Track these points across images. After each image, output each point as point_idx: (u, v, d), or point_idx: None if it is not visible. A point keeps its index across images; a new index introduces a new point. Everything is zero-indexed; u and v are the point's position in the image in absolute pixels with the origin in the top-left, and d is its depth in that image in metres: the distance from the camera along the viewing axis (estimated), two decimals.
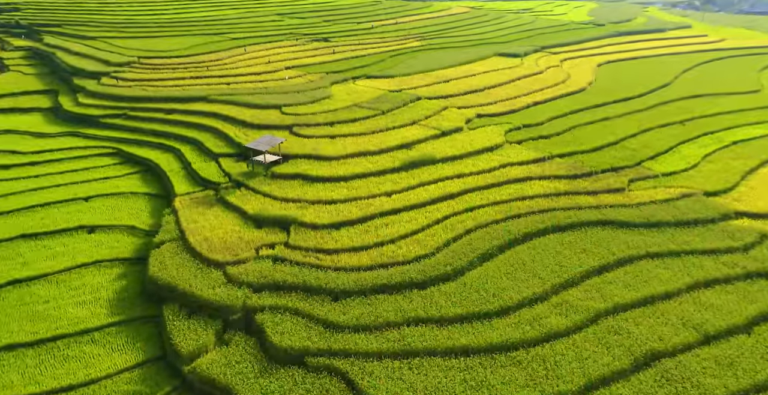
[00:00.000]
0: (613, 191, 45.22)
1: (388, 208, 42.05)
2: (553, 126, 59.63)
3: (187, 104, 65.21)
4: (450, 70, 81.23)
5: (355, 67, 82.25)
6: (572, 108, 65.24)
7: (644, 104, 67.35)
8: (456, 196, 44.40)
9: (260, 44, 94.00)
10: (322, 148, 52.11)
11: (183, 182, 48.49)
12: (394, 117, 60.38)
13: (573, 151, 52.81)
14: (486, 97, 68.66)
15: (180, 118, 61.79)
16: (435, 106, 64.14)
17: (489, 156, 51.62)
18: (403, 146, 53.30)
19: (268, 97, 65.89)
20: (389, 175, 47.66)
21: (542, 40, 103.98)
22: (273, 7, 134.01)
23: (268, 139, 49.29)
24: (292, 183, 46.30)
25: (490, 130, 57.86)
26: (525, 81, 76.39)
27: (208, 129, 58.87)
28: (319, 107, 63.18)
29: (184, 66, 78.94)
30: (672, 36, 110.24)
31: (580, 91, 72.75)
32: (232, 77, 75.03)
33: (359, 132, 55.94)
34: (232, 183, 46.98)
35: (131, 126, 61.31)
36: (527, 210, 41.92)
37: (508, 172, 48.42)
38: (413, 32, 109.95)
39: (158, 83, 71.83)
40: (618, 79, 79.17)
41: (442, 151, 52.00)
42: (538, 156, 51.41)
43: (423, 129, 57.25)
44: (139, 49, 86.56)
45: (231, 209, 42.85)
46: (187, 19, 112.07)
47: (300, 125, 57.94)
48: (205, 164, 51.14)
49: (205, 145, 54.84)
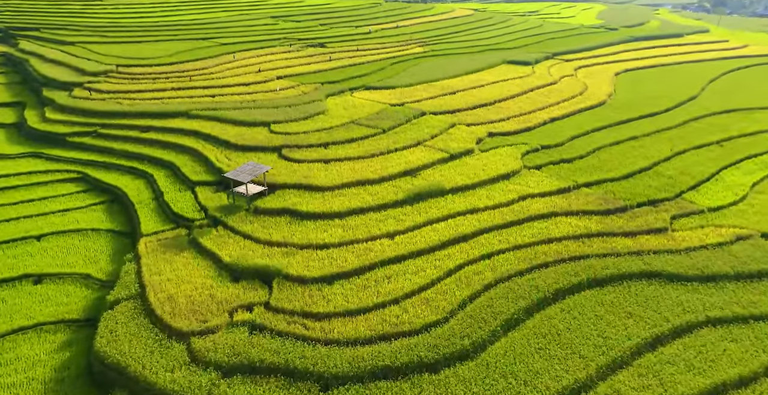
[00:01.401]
0: (655, 231, 38.59)
1: (391, 254, 35.41)
2: (574, 147, 53.04)
3: (166, 120, 58.51)
4: (456, 81, 74.63)
5: (353, 76, 75.59)
6: (594, 125, 58.64)
7: (673, 121, 60.77)
8: (470, 238, 37.78)
9: (251, 50, 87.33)
10: (315, 175, 45.48)
11: (152, 217, 41.81)
12: (396, 137, 53.76)
13: (601, 179, 46.22)
14: (497, 112, 62.07)
15: (156, 137, 55.09)
16: (441, 123, 57.51)
17: (505, 185, 45.00)
18: (407, 173, 46.68)
19: (255, 113, 59.22)
20: (391, 210, 41.02)
21: (553, 46, 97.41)
22: (268, 9, 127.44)
23: (251, 167, 42.61)
24: (279, 221, 39.64)
25: (505, 152, 51.25)
26: (538, 93, 69.82)
27: (186, 151, 52.18)
28: (313, 125, 56.52)
29: (166, 76, 72.23)
30: (691, 41, 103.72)
31: (600, 105, 66.15)
32: (217, 89, 68.31)
33: (357, 156, 49.28)
34: (209, 220, 40.31)
35: (101, 146, 54.59)
36: (555, 257, 35.33)
37: (529, 206, 41.81)
38: (415, 37, 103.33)
39: (135, 96, 65.10)
40: (639, 91, 72.60)
41: (451, 179, 45.39)
42: (561, 186, 44.82)
43: (429, 151, 50.61)
44: (118, 57, 79.84)
45: (204, 255, 36.16)
46: (175, 22, 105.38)
47: (290, 146, 51.28)
48: (179, 195, 44.47)
49: (181, 170, 48.17)
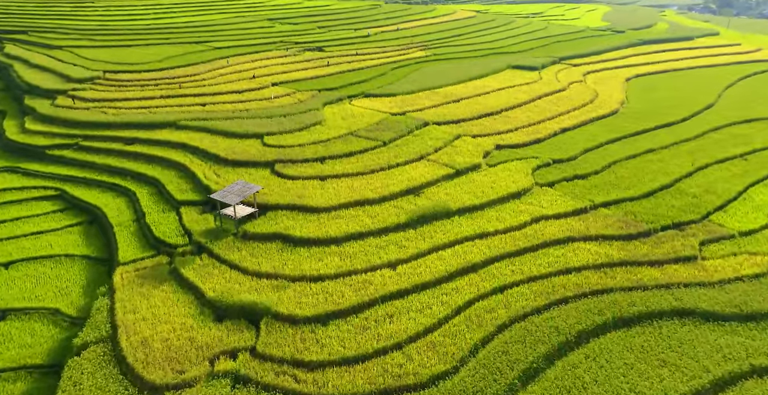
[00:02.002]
0: (683, 260, 35.06)
1: (393, 288, 31.93)
2: (588, 161, 49.55)
3: (153, 131, 55.00)
4: (460, 87, 71.15)
5: (352, 82, 72.14)
6: (607, 137, 55.13)
7: (691, 131, 57.28)
8: (480, 267, 34.29)
9: (246, 55, 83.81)
10: (310, 194, 41.98)
11: (131, 242, 38.29)
12: (398, 150, 50.26)
13: (620, 198, 42.73)
14: (504, 122, 58.56)
15: (141, 150, 51.59)
16: (445, 134, 54.01)
17: (516, 205, 41.51)
18: (410, 192, 43.18)
19: (248, 123, 55.71)
20: (393, 234, 37.52)
21: (559, 50, 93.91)
22: (264, 11, 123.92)
23: (240, 186, 39.10)
24: (269, 247, 36.12)
25: (514, 167, 47.76)
26: (547, 101, 66.33)
27: (173, 165, 48.67)
28: (308, 137, 53.02)
29: (155, 82, 68.69)
30: (702, 45, 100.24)
31: (612, 114, 62.64)
32: (209, 96, 64.81)
33: (356, 172, 45.80)
34: (193, 246, 36.78)
35: (82, 160, 51.08)
36: (575, 291, 31.87)
37: (543, 229, 38.31)
38: (416, 40, 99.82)
39: (121, 104, 61.59)
40: (653, 98, 69.10)
41: (457, 198, 41.90)
42: (577, 206, 41.32)
43: (433, 167, 47.12)
44: (106, 62, 76.29)
45: (186, 288, 32.66)
46: (167, 25, 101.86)
47: (284, 161, 47.77)
48: (162, 216, 40.95)
49: (166, 188, 44.65)
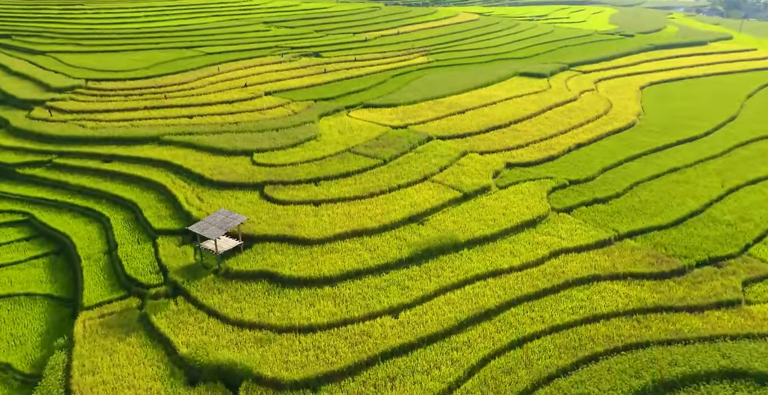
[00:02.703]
0: (726, 304, 30.81)
1: (395, 342, 27.69)
2: (608, 182, 45.31)
3: (133, 147, 50.73)
4: (464, 96, 66.94)
5: (350, 91, 67.91)
6: (626, 153, 50.87)
7: (716, 147, 53.06)
8: (494, 314, 30.06)
9: (239, 61, 79.49)
10: (302, 223, 37.71)
11: (99, 280, 34.01)
12: (400, 169, 46.01)
13: (646, 227, 38.46)
14: (514, 136, 54.30)
15: (120, 168, 47.30)
16: (451, 150, 49.77)
17: (532, 236, 37.25)
18: (413, 219, 38.93)
19: (237, 138, 51.44)
20: (394, 272, 33.27)
21: (567, 56, 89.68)
22: (260, 14, 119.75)
23: (222, 217, 34.81)
24: (254, 289, 31.86)
25: (527, 189, 43.53)
26: (558, 112, 62.07)
27: (152, 187, 44.41)
28: (302, 154, 48.74)
29: (140, 92, 64.38)
30: (716, 50, 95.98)
31: (629, 127, 58.38)
32: (197, 107, 60.52)
33: (353, 195, 41.54)
34: (168, 286, 32.50)
35: (54, 180, 46.77)
36: (606, 345, 27.66)
37: (564, 266, 34.06)
38: (417, 45, 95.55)
39: (102, 117, 57.26)
40: (670, 109, 64.86)
41: (466, 227, 37.64)
42: (600, 237, 37.04)
43: (438, 189, 42.87)
44: (90, 69, 71.97)
45: (156, 341, 28.38)
46: (158, 29, 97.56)
47: (275, 182, 43.50)
48: (136, 248, 36.67)
49: (143, 214, 40.39)
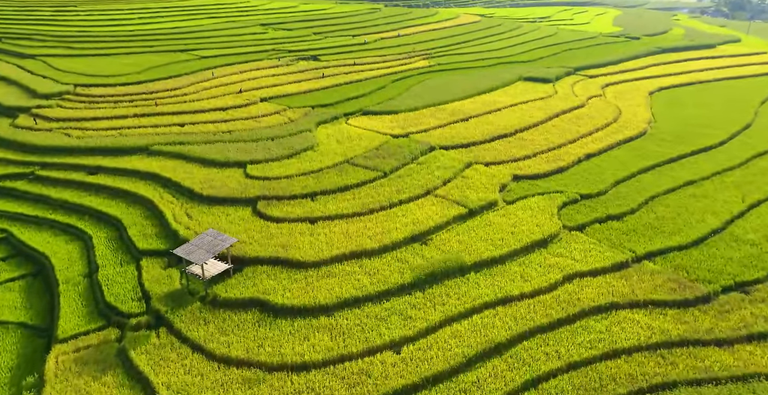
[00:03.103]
0: (757, 337, 28.30)
1: (397, 383, 25.18)
2: (621, 197, 42.79)
3: (121, 157, 48.20)
4: (468, 103, 64.43)
5: (349, 98, 65.43)
6: (639, 165, 48.36)
7: (733, 157, 50.57)
8: (504, 348, 27.56)
9: (234, 65, 76.94)
10: (297, 243, 35.18)
11: (77, 307, 31.49)
12: (401, 182, 43.49)
13: (665, 247, 35.93)
14: (520, 145, 51.79)
15: (105, 181, 44.76)
16: (455, 161, 47.26)
17: (543, 257, 34.74)
18: (415, 239, 36.41)
19: (230, 149, 48.93)
20: (396, 299, 30.75)
21: (573, 59, 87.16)
22: (257, 15, 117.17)
23: (210, 238, 32.30)
24: (244, 319, 29.33)
25: (536, 205, 41.01)
26: (565, 119, 59.53)
27: (139, 201, 41.89)
28: (298, 166, 46.24)
29: (130, 98, 61.85)
30: (725, 53, 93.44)
31: (640, 136, 55.84)
32: (189, 115, 57.98)
33: (352, 212, 39.00)
34: (150, 316, 29.97)
35: (36, 194, 44.23)
36: (630, 385, 25.19)
37: (579, 292, 31.56)
38: (418, 48, 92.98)
39: (89, 125, 54.74)
40: (681, 116, 62.34)
41: (472, 247, 35.12)
42: (616, 258, 34.53)
43: (441, 205, 40.35)
44: (80, 73, 69.46)
45: (134, 381, 25.82)
46: (153, 31, 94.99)
47: (268, 197, 40.98)
48: (119, 271, 34.15)
49: (128, 232, 37.86)
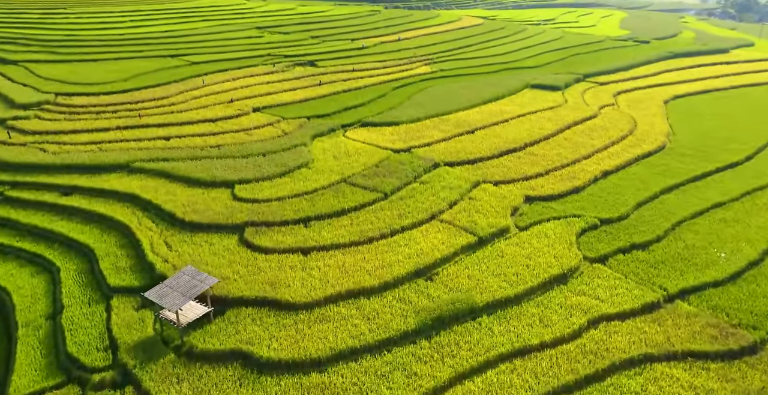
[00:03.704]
0: None
1: None
2: (644, 221, 38.99)
3: (99, 176, 44.40)
4: (473, 113, 60.66)
5: (347, 107, 61.68)
6: (661, 184, 44.59)
7: (762, 175, 46.84)
8: None
9: (227, 71, 73.10)
10: (287, 279, 31.37)
11: (36, 358, 27.67)
12: (403, 205, 39.68)
13: (699, 283, 32.17)
14: (531, 161, 48.00)
15: (80, 203, 40.94)
16: (461, 180, 43.48)
17: (563, 296, 30.95)
18: (420, 273, 32.62)
19: (218, 166, 45.13)
20: (399, 350, 26.95)
21: (581, 65, 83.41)
22: (253, 18, 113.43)
23: (188, 278, 28.47)
24: (224, 375, 25.51)
25: (552, 231, 37.22)
26: (578, 131, 55.75)
27: (115, 228, 38.09)
28: (291, 186, 42.42)
29: (114, 109, 58.02)
30: (740, 59, 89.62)
31: (659, 150, 52.05)
32: (175, 127, 54.19)
33: (349, 241, 35.20)
34: (116, 371, 26.13)
35: (3, 218, 40.22)
36: None
37: (607, 340, 27.76)
38: (419, 53, 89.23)
39: (67, 139, 50.94)
40: (701, 128, 58.56)
41: (484, 284, 31.35)
42: (646, 298, 30.71)
43: (448, 232, 36.55)
44: (63, 81, 65.61)
45: None
46: (143, 35, 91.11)
47: (257, 223, 37.16)
48: (86, 312, 30.33)
49: (99, 264, 34.05)
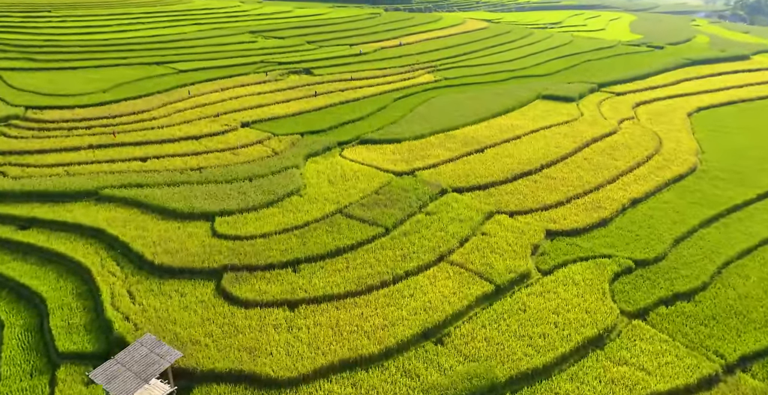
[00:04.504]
0: None
1: None
2: (685, 262, 33.86)
3: (63, 205, 39.18)
4: (481, 128, 55.55)
5: (344, 121, 56.57)
6: (698, 215, 39.46)
7: None
8: None
9: (216, 81, 67.97)
10: (269, 344, 26.18)
11: None
12: (407, 243, 34.50)
13: (762, 348, 27.07)
14: (549, 186, 42.87)
15: (38, 240, 35.65)
16: (472, 211, 38.33)
17: (602, 367, 25.78)
18: (428, 334, 27.47)
19: (198, 194, 39.93)
20: None
21: (594, 73, 78.37)
22: (247, 21, 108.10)
23: (145, 352, 23.26)
24: None
25: (581, 276, 32.07)
26: (597, 149, 50.65)
27: (74, 271, 32.87)
28: (280, 218, 37.23)
29: (88, 124, 52.77)
30: (762, 66, 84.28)
31: (691, 173, 46.94)
32: (154, 146, 48.98)
33: (344, 291, 30.02)
34: None
35: None
36: None
37: None
38: (422, 60, 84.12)
39: (33, 160, 45.76)
40: (733, 146, 53.43)
41: (505, 351, 26.17)
42: (702, 370, 25.55)
43: (459, 278, 31.39)
44: (36, 92, 60.32)
45: None
46: (129, 40, 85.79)
47: (238, 267, 31.97)
48: (26, 386, 25.04)
49: (50, 320, 28.87)
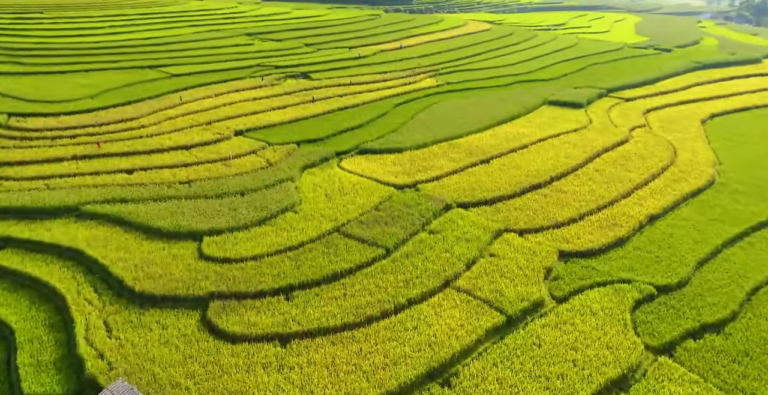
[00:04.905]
0: None
1: None
2: (711, 288, 31.32)
3: (40, 222, 36.58)
4: (486, 136, 53.02)
5: (343, 129, 54.04)
6: (721, 233, 36.88)
7: None
8: None
9: (209, 86, 65.52)
10: (257, 391, 23.58)
11: None
12: (409, 266, 31.91)
13: None
14: (560, 201, 40.29)
15: (11, 262, 33.00)
16: (478, 230, 35.76)
17: None
18: (434, 375, 24.84)
19: (185, 210, 37.34)
20: None
21: (602, 77, 75.86)
22: (244, 23, 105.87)
23: None
24: None
25: (599, 305, 29.49)
26: (609, 160, 48.11)
27: (48, 298, 30.29)
28: (272, 238, 34.63)
29: (73, 133, 50.12)
30: None
31: (709, 186, 44.38)
32: (141, 157, 46.38)
33: (341, 322, 27.41)
34: None
35: None
36: None
37: None
38: (424, 63, 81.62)
39: (11, 172, 43.06)
40: (750, 156, 50.91)
41: (520, 394, 23.59)
42: None
43: (467, 307, 28.80)
44: (21, 98, 57.74)
45: None
46: (122, 43, 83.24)
47: (226, 295, 29.38)
48: None
49: (18, 356, 26.25)
